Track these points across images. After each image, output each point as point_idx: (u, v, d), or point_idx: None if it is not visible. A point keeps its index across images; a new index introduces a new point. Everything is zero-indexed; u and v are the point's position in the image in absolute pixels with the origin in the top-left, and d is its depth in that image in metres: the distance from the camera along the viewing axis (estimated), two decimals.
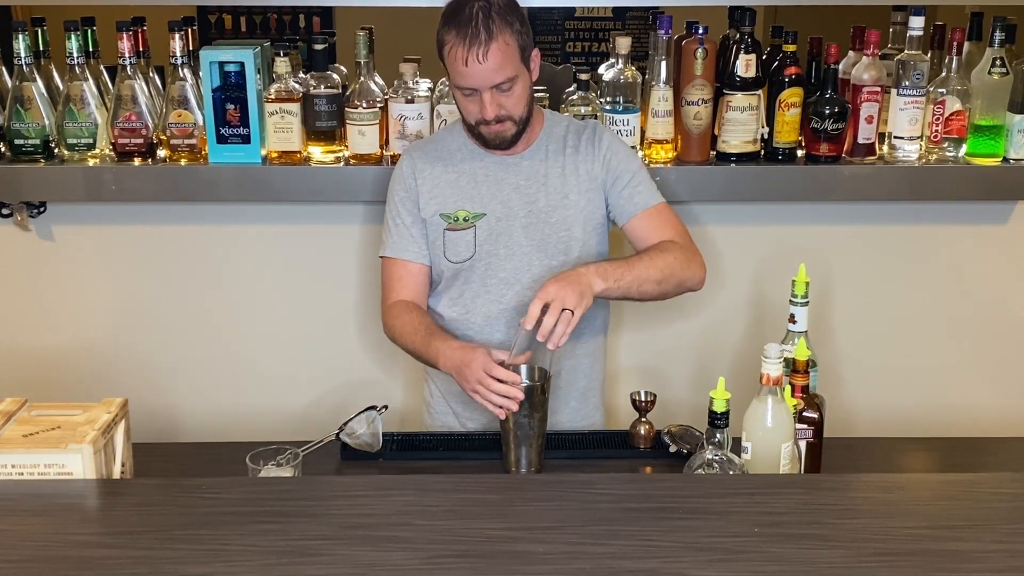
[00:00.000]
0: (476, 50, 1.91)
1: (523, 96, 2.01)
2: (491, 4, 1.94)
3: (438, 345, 1.99)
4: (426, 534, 1.47)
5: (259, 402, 2.68)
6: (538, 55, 2.05)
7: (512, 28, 1.94)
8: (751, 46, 2.36)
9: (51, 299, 2.64)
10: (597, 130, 2.15)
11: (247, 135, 2.37)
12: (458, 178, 2.10)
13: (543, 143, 2.12)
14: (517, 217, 2.09)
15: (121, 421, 1.75)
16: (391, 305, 2.14)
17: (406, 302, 2.13)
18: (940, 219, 2.62)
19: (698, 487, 1.64)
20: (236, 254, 2.63)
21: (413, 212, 2.12)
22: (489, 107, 1.97)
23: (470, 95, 1.98)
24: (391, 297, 2.14)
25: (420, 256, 2.13)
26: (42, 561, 1.42)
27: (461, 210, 2.09)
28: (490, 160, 2.10)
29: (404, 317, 2.09)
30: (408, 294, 2.14)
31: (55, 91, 2.44)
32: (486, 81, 1.95)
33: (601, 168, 2.11)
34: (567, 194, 2.10)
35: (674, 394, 2.45)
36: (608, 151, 2.11)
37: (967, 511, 1.57)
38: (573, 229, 2.10)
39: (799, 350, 1.83)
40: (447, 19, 1.96)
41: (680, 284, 2.05)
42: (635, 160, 2.16)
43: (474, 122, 2.02)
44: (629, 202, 2.10)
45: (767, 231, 2.62)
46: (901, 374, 2.72)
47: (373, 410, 2.02)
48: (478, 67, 1.92)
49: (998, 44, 2.37)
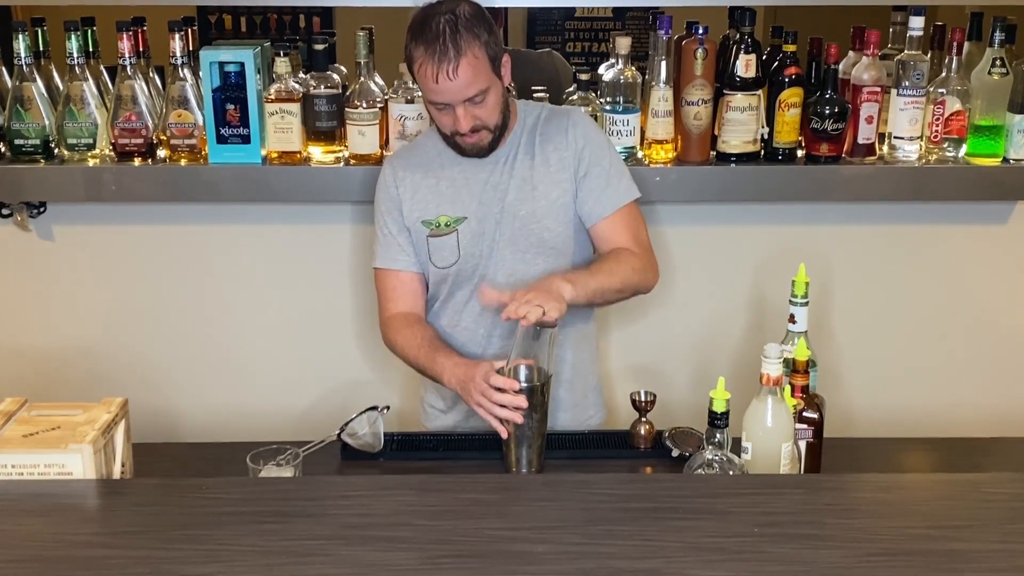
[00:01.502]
0: (446, 67, 1.89)
1: (496, 105, 1.99)
2: (457, 17, 1.91)
3: (443, 361, 2.00)
4: (426, 534, 1.47)
5: (259, 402, 2.68)
6: (508, 60, 2.02)
7: (480, 40, 1.92)
8: (751, 46, 2.36)
9: (51, 299, 2.64)
10: (572, 116, 2.11)
11: (247, 135, 2.37)
12: (438, 183, 2.09)
13: (516, 135, 2.10)
14: (492, 215, 2.07)
15: (121, 421, 1.75)
16: (389, 319, 2.14)
17: (404, 315, 2.12)
18: (940, 219, 2.62)
19: (698, 487, 1.65)
20: (236, 254, 2.63)
21: (398, 221, 2.11)
22: (463, 120, 1.96)
23: (443, 109, 1.97)
24: (388, 309, 2.14)
25: (410, 264, 2.13)
26: (42, 561, 1.42)
27: (442, 216, 2.08)
28: (467, 163, 2.09)
29: (404, 332, 2.09)
30: (404, 305, 2.14)
31: (55, 91, 2.44)
32: (458, 96, 1.93)
33: (573, 158, 2.07)
34: (536, 185, 2.07)
35: (674, 394, 2.45)
36: (582, 139, 2.08)
37: (967, 511, 1.57)
38: (545, 221, 2.07)
39: (799, 350, 1.83)
40: (414, 33, 1.93)
41: (636, 290, 2.08)
42: (609, 152, 2.12)
43: (449, 133, 2.02)
44: (597, 204, 2.08)
45: (767, 231, 2.62)
46: (901, 374, 2.72)
47: (374, 410, 2.02)
48: (449, 83, 1.90)
49: (998, 44, 2.37)
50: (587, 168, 2.08)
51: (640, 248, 2.09)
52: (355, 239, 2.60)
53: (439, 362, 2.00)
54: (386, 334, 2.14)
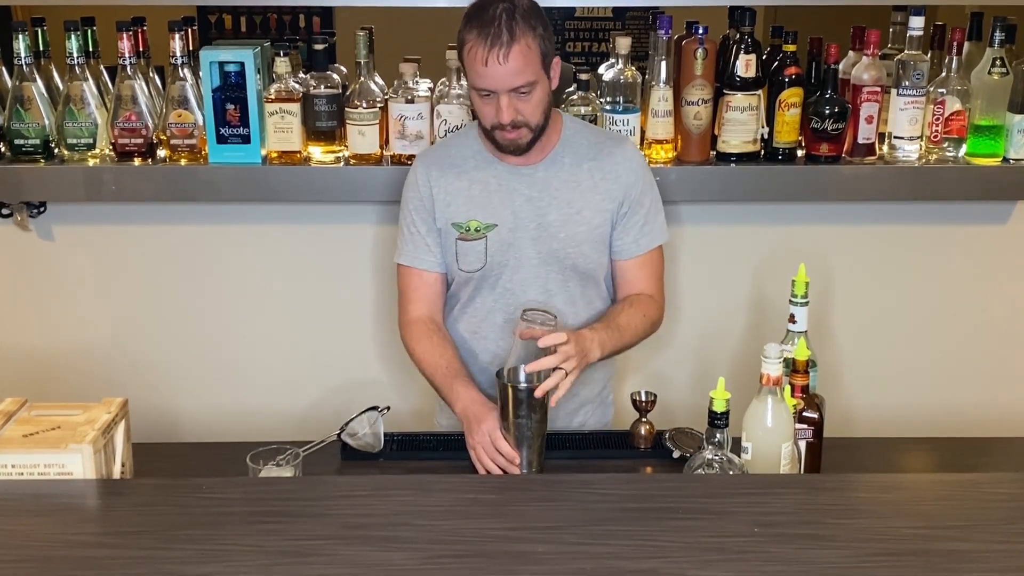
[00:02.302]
0: (497, 51, 1.87)
1: (541, 103, 1.96)
2: (516, 6, 1.90)
3: (459, 391, 2.00)
4: (426, 534, 1.48)
5: (259, 402, 2.68)
6: (559, 63, 2.00)
7: (535, 32, 1.91)
8: (751, 46, 2.36)
9: (51, 299, 2.64)
10: (626, 148, 2.11)
11: (247, 135, 2.37)
12: (470, 187, 2.07)
13: (560, 154, 2.07)
14: (527, 229, 2.05)
15: (121, 421, 1.75)
16: (410, 322, 2.12)
17: (425, 321, 2.11)
18: (940, 219, 2.62)
19: (698, 487, 1.65)
20: (236, 254, 2.63)
21: (428, 221, 2.09)
22: (505, 111, 1.92)
23: (487, 97, 1.94)
24: (409, 311, 2.13)
25: (435, 265, 2.11)
26: (42, 561, 1.42)
27: (473, 220, 2.06)
28: (503, 168, 2.06)
29: (425, 343, 2.09)
30: (425, 307, 2.13)
31: (55, 91, 2.44)
32: (504, 84, 1.91)
33: (621, 191, 2.07)
34: (580, 210, 2.06)
35: (674, 394, 2.45)
36: (634, 175, 2.08)
37: (967, 511, 1.57)
38: (583, 247, 2.07)
39: (799, 350, 1.83)
40: (470, 18, 1.92)
41: (645, 338, 2.14)
42: (653, 190, 2.13)
43: (490, 126, 1.98)
44: (633, 243, 2.10)
45: (767, 231, 2.62)
46: (901, 374, 2.72)
47: (375, 411, 2.02)
48: (498, 68, 1.88)
49: (998, 44, 2.37)
50: (632, 205, 2.08)
51: (659, 293, 2.14)
52: (357, 239, 2.60)
53: (456, 390, 2.00)
54: (406, 337, 2.12)
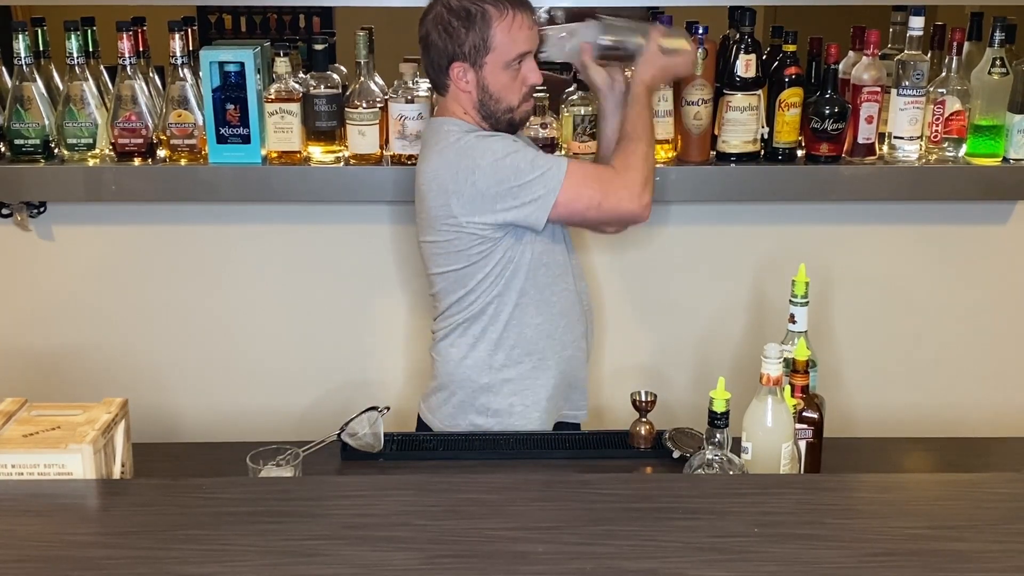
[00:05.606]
0: (531, 12, 2.05)
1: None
2: None
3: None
4: (426, 534, 1.47)
5: (259, 402, 2.68)
6: None
7: None
8: (751, 46, 2.36)
9: (51, 299, 2.64)
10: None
11: (247, 135, 2.37)
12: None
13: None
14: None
15: (121, 421, 1.75)
16: (605, 169, 2.09)
17: (605, 160, 2.15)
18: (940, 219, 2.62)
19: (698, 487, 1.64)
20: (236, 254, 2.63)
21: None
22: (536, 68, 2.06)
23: (521, 64, 2.04)
24: (599, 171, 2.09)
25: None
26: (42, 561, 1.42)
27: None
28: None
29: (617, 152, 2.09)
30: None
31: (55, 91, 2.44)
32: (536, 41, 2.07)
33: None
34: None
35: (674, 394, 2.45)
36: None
37: (967, 511, 1.57)
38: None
39: (799, 350, 1.83)
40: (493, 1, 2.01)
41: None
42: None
43: (519, 99, 2.07)
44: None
45: (767, 231, 2.62)
46: (901, 374, 2.72)
47: (375, 411, 2.02)
48: (535, 26, 2.06)
49: (998, 44, 2.37)
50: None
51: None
52: (357, 239, 2.60)
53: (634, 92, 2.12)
54: (620, 171, 2.06)
